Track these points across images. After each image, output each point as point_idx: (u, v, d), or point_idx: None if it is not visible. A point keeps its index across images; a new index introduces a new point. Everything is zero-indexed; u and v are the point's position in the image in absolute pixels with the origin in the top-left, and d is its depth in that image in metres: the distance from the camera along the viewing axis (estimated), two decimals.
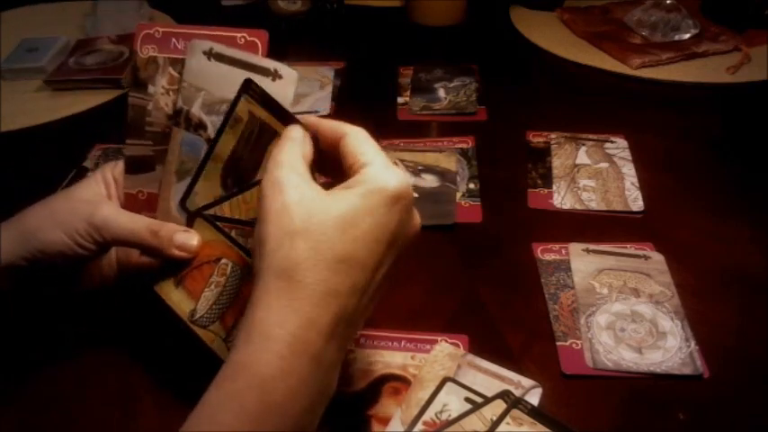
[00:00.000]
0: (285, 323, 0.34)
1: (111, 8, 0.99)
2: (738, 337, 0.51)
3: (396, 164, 0.66)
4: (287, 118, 0.41)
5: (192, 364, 0.51)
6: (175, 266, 0.45)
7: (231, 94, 0.43)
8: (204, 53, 0.43)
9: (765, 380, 0.48)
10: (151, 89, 0.45)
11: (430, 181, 0.68)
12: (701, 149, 0.73)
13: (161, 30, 0.45)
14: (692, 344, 0.50)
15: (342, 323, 0.35)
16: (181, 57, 0.45)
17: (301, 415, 0.34)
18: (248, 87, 0.42)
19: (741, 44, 0.92)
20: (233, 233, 0.44)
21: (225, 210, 0.44)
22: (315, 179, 0.39)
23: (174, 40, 0.45)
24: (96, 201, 0.45)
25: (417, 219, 0.40)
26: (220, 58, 0.43)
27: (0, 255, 0.43)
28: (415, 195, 0.39)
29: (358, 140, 0.39)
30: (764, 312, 0.53)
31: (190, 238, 0.44)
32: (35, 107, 0.84)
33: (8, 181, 0.46)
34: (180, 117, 0.45)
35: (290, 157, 0.38)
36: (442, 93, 0.84)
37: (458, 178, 0.69)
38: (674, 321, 0.52)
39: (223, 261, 0.44)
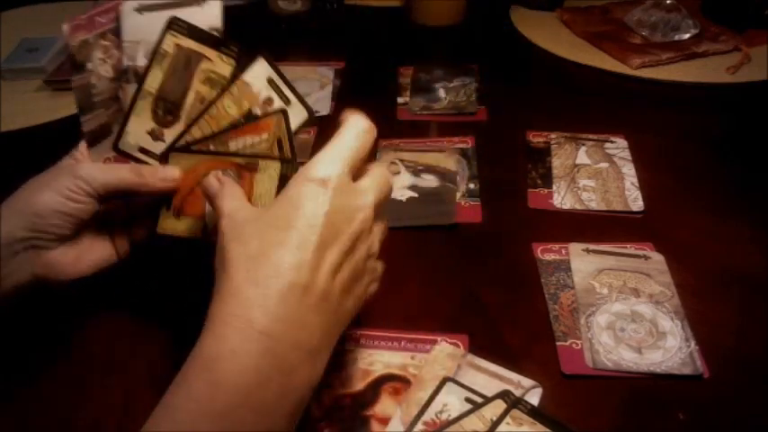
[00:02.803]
0: (223, 305, 0.36)
1: None
2: (738, 337, 0.51)
3: (395, 163, 0.67)
4: (215, 41, 0.47)
5: None
6: (168, 204, 0.48)
7: None
8: (135, 10, 0.49)
9: (765, 380, 0.48)
10: (89, 65, 0.49)
11: (430, 181, 0.68)
12: (701, 149, 0.73)
13: (84, 17, 0.49)
14: (692, 344, 0.50)
15: (291, 300, 0.36)
16: (108, 27, 0.50)
17: (253, 388, 0.34)
18: (173, 23, 0.47)
19: (741, 44, 0.92)
20: (211, 147, 0.47)
21: (195, 134, 0.47)
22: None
23: (98, 18, 0.49)
24: (74, 163, 0.48)
25: (364, 200, 0.40)
26: (150, 8, 0.49)
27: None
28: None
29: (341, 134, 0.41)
30: (764, 312, 0.53)
31: (171, 170, 0.47)
32: (35, 107, 0.84)
33: (8, 181, 0.46)
34: (128, 74, 0.49)
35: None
36: (442, 93, 0.84)
37: (458, 178, 0.69)
38: (673, 321, 0.52)
39: (213, 174, 0.46)
